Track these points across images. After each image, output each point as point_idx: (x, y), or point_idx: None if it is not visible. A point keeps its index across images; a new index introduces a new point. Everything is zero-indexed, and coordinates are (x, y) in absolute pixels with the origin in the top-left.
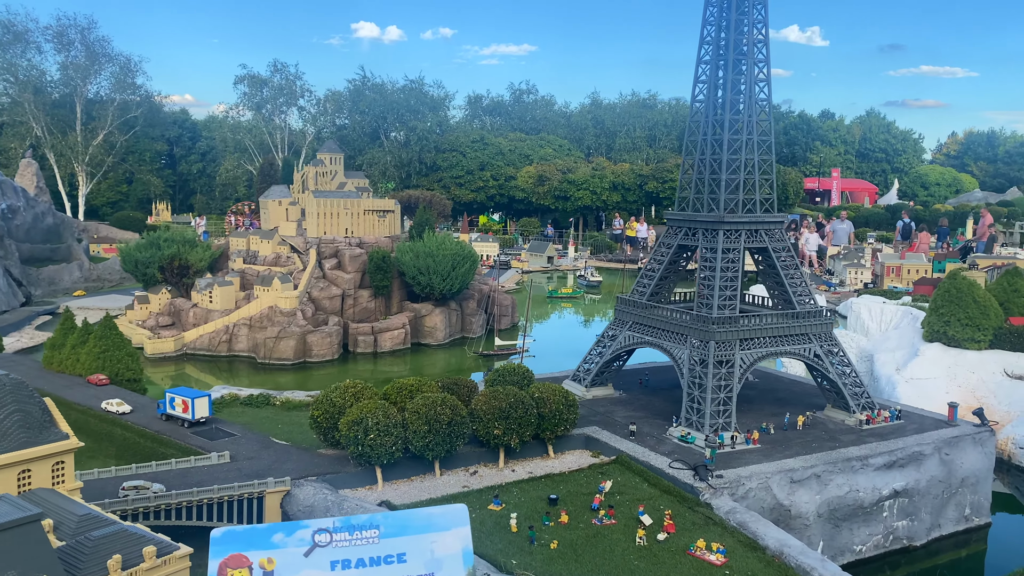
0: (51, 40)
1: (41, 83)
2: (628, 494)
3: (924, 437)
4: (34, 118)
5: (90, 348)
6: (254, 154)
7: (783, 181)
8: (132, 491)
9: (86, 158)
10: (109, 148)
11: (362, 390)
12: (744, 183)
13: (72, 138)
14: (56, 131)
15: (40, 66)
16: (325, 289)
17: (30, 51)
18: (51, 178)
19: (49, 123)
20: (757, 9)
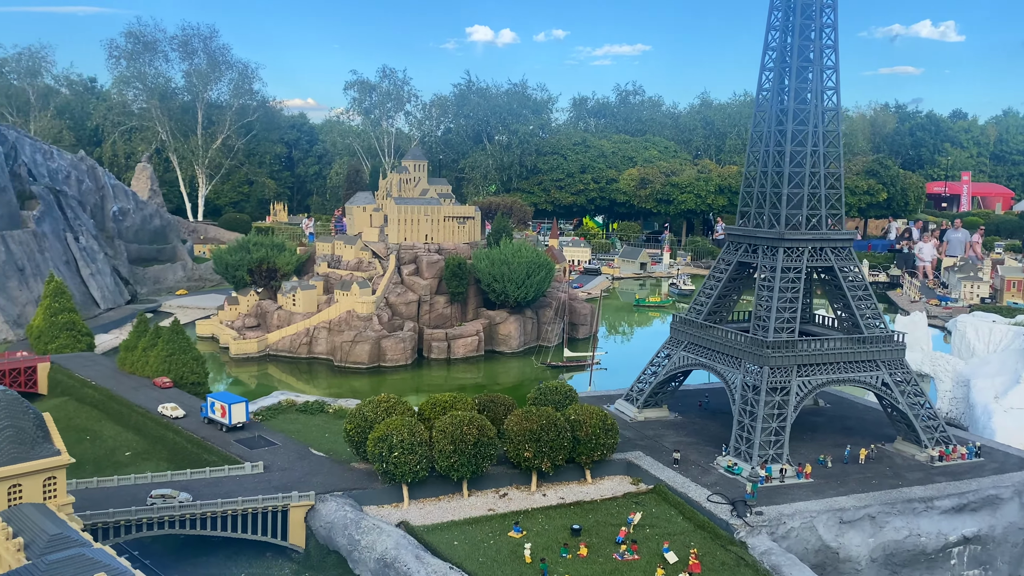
0: (176, 49)
1: (167, 90)
2: (659, 527)
3: (1004, 479)
4: (160, 123)
5: (158, 351)
6: (362, 158)
7: (903, 186)
8: (159, 499)
9: (205, 161)
10: (227, 151)
11: (394, 405)
12: (809, 197)
13: (193, 142)
14: (179, 135)
15: (166, 74)
16: (402, 295)
17: (158, 60)
18: (174, 180)
19: (173, 128)
20: (825, 13)
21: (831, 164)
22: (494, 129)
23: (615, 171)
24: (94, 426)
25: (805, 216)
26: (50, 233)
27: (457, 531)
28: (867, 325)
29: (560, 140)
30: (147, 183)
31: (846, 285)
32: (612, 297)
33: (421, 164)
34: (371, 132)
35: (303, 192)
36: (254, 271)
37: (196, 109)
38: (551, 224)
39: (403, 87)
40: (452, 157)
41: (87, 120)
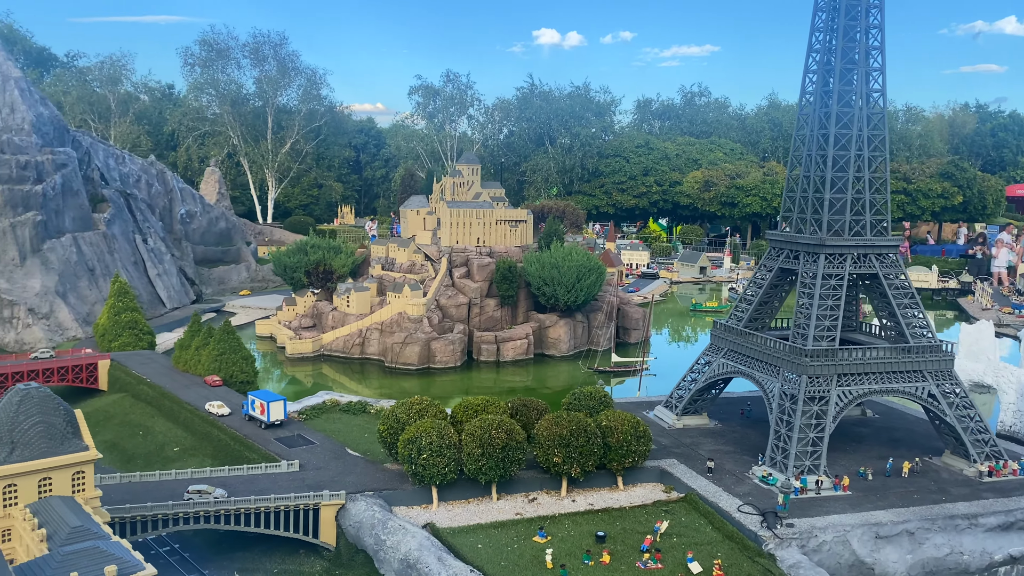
0: (248, 56)
1: (238, 96)
2: (687, 536)
3: None
4: (231, 128)
5: (209, 351)
6: (425, 161)
7: (980, 189)
8: (196, 495)
9: (275, 165)
10: (296, 155)
11: (427, 407)
12: (852, 202)
13: (263, 146)
14: (250, 139)
15: (238, 80)
16: (453, 297)
17: (230, 67)
18: (245, 183)
19: (244, 132)
20: (872, 14)
21: (877, 168)
22: (556, 132)
23: (679, 173)
24: (147, 422)
25: (849, 222)
26: (119, 235)
27: (482, 534)
28: (913, 334)
29: (623, 142)
30: (215, 186)
31: (891, 293)
32: (669, 302)
33: (475, 168)
34: (434, 136)
35: (370, 195)
36: (311, 273)
37: (266, 114)
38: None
39: (466, 91)
40: (514, 160)
41: (164, 125)
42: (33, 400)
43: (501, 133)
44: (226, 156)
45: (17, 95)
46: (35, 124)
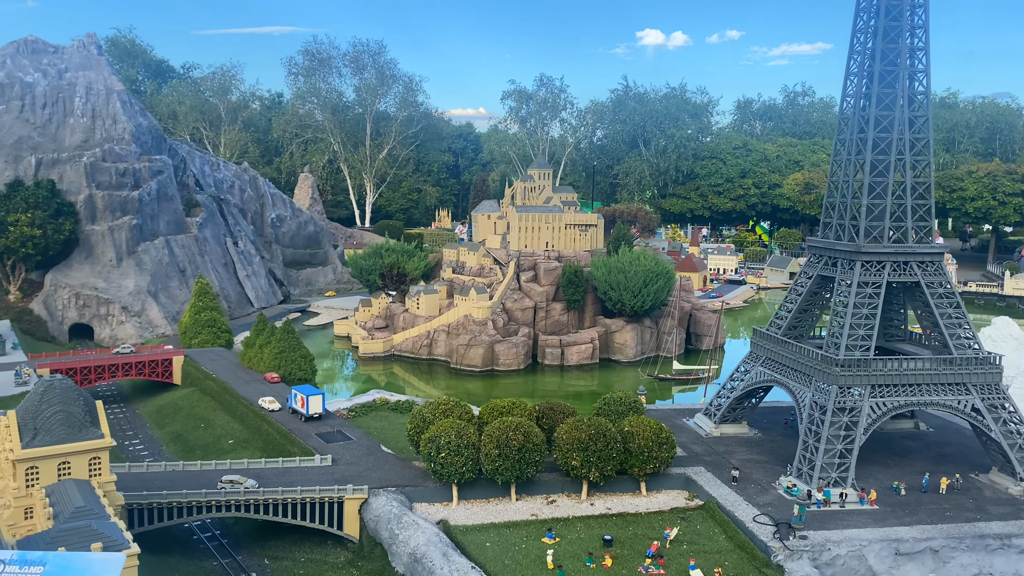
0: (348, 65)
1: (339, 103)
2: (698, 544)
3: None
4: (332, 135)
5: (271, 349)
6: (517, 166)
7: None
8: (228, 484)
9: (373, 170)
10: (392, 161)
11: (453, 407)
12: (893, 208)
13: (362, 152)
14: (350, 146)
15: (338, 88)
16: (519, 301)
17: (331, 75)
18: (345, 188)
19: (344, 139)
20: (916, 14)
21: (919, 173)
22: (650, 134)
23: (778, 176)
24: (209, 415)
25: (888, 228)
26: (211, 238)
27: (494, 533)
28: (957, 345)
29: (719, 144)
30: (308, 192)
31: (934, 302)
32: (755, 308)
33: (546, 172)
34: (526, 140)
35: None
36: (385, 275)
37: (365, 121)
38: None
39: (559, 94)
40: (607, 163)
41: (269, 132)
42: (55, 391)
43: (594, 136)
44: (327, 162)
45: (119, 107)
46: (134, 134)
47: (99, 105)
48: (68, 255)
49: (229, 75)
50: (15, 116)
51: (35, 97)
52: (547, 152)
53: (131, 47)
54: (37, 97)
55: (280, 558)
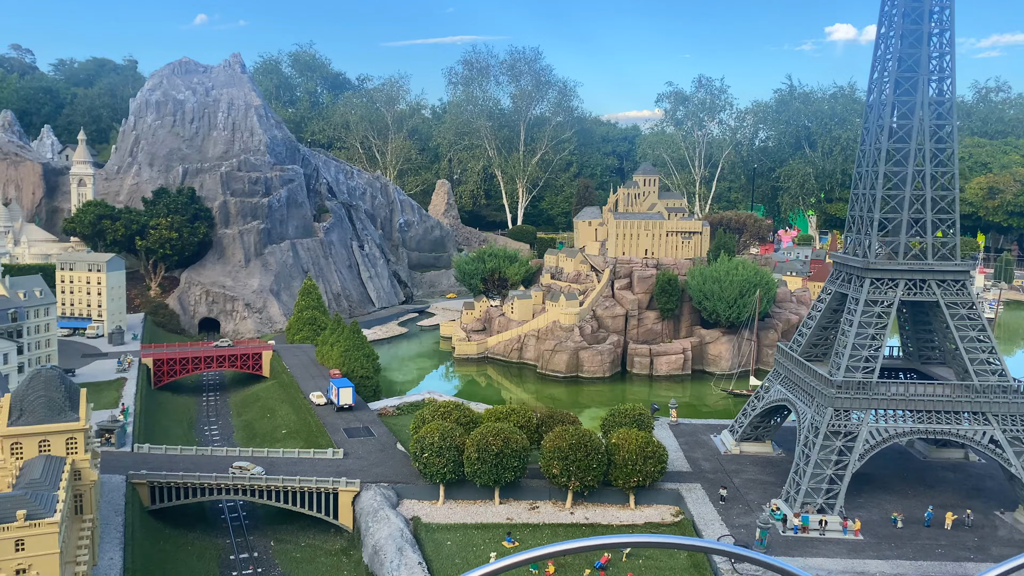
0: (506, 73)
1: (495, 110)
2: (656, 560)
3: None
4: (488, 141)
5: (338, 347)
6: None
7: None
8: (237, 470)
9: (525, 175)
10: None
11: (452, 409)
12: (911, 223)
13: (515, 158)
14: (504, 151)
15: (495, 96)
16: (610, 308)
17: (489, 84)
18: (499, 193)
19: (499, 145)
20: (944, 16)
21: (942, 185)
22: (816, 135)
23: (962, 179)
24: (276, 406)
25: (904, 244)
26: (337, 241)
27: (461, 533)
28: (978, 371)
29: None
30: (444, 198)
31: (954, 324)
32: None
33: (652, 179)
34: (680, 142)
35: None
36: (487, 279)
37: (519, 127)
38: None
39: (719, 95)
40: (768, 166)
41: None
42: (41, 378)
43: (756, 138)
44: (481, 168)
45: (256, 121)
46: (269, 145)
47: (238, 119)
48: (203, 255)
49: (397, 86)
50: (168, 130)
51: (185, 113)
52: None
53: (311, 61)
54: (187, 113)
55: (284, 541)
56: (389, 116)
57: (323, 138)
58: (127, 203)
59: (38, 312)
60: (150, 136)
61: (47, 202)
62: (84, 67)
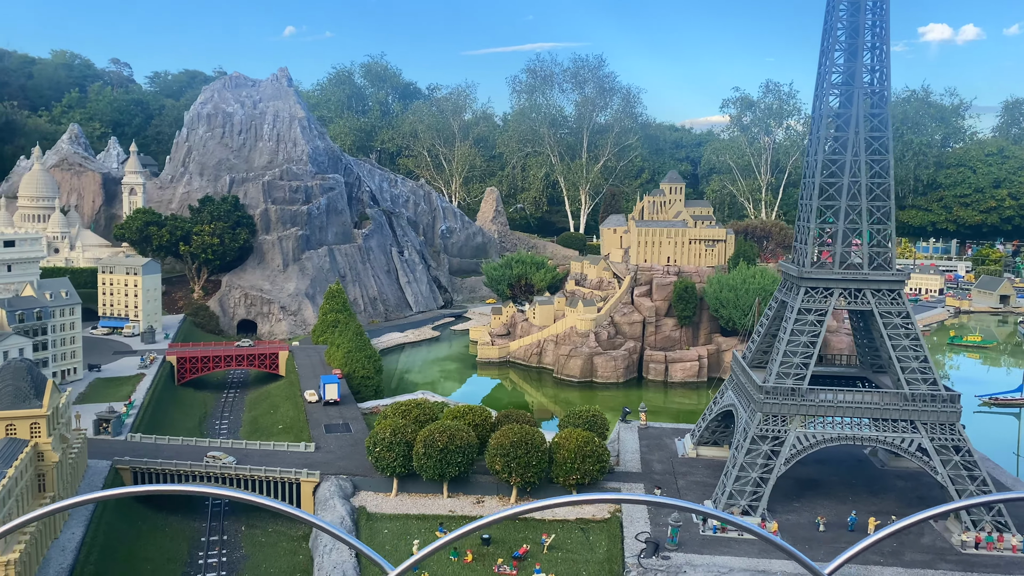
0: (569, 80)
1: (558, 117)
2: (575, 554)
3: None
4: (551, 149)
5: (342, 349)
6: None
7: None
8: (210, 459)
9: (587, 182)
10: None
11: (412, 408)
12: (846, 233)
13: (577, 165)
14: (567, 158)
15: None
16: (627, 315)
17: (552, 92)
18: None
19: (562, 152)
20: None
21: (878, 196)
22: None
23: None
24: (280, 403)
25: (839, 254)
26: (376, 247)
27: (400, 523)
28: (909, 379)
29: (968, 151)
30: (492, 205)
31: (887, 333)
32: (938, 333)
33: (678, 187)
34: (747, 148)
35: None
36: (513, 285)
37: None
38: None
39: (788, 100)
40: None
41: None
42: (10, 369)
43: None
44: (544, 175)
45: (299, 132)
46: (311, 155)
47: (283, 130)
48: (244, 260)
49: (464, 95)
50: (217, 141)
51: (233, 125)
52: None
53: (383, 72)
54: (235, 125)
55: (254, 526)
56: (456, 124)
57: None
58: (178, 210)
59: (63, 312)
60: (201, 147)
61: (106, 209)
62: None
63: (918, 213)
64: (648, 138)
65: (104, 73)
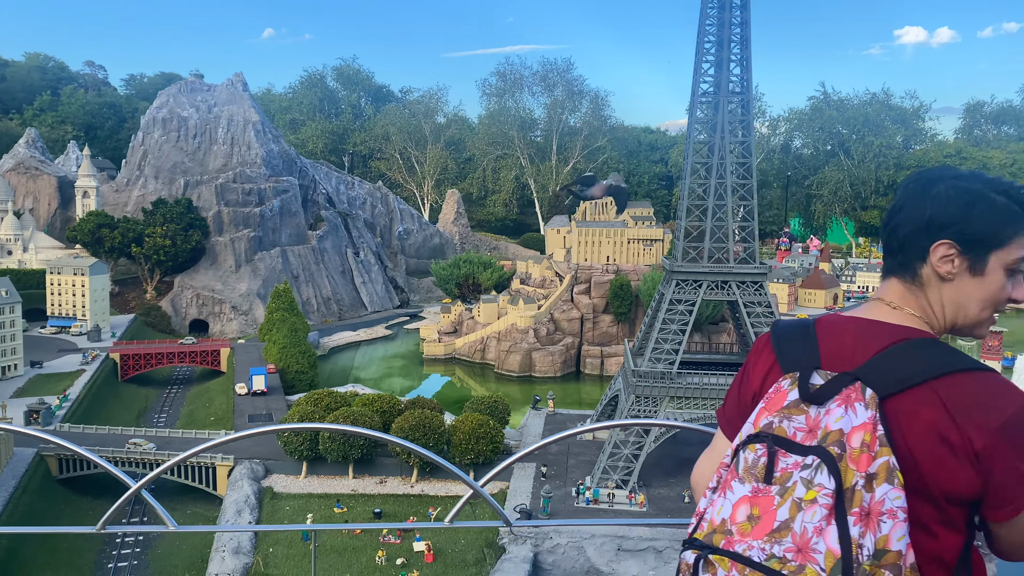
0: (539, 83)
1: (527, 120)
2: (454, 534)
3: None
4: (520, 151)
5: (277, 345)
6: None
7: None
8: (132, 445)
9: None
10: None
11: (324, 397)
12: (713, 230)
13: (547, 167)
14: (537, 161)
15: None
16: (567, 312)
17: (522, 95)
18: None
19: (532, 154)
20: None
21: (741, 197)
22: (849, 142)
23: None
24: (216, 397)
25: (708, 249)
26: (331, 248)
27: (303, 501)
28: None
29: (928, 152)
30: (453, 207)
31: (750, 321)
32: None
33: (620, 189)
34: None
35: None
36: (462, 285)
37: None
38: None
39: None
40: (803, 173)
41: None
42: None
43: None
44: (514, 177)
45: (253, 135)
46: (265, 158)
47: (237, 134)
48: (197, 261)
49: (436, 98)
50: (172, 145)
51: (188, 128)
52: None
53: (355, 75)
54: (190, 128)
55: (174, 509)
56: (427, 127)
57: (364, 149)
58: (134, 213)
59: (3, 310)
60: (156, 151)
61: (61, 212)
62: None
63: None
64: (619, 140)
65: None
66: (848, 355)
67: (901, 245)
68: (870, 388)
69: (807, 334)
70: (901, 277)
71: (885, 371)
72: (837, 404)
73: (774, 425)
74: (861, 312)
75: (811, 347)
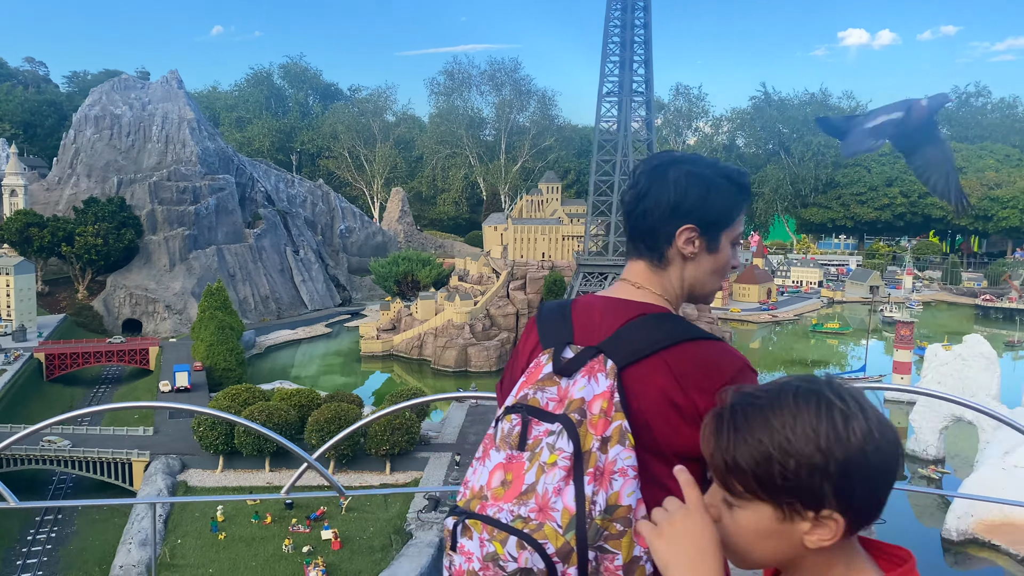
0: (487, 82)
1: (476, 119)
2: (370, 513)
3: None
4: (470, 150)
5: (204, 343)
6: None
7: None
8: (46, 443)
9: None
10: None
11: (243, 392)
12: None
13: (496, 166)
14: (486, 159)
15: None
16: (502, 307)
17: (471, 94)
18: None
19: (481, 153)
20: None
21: None
22: (790, 142)
23: None
24: (143, 395)
25: (612, 243)
26: (269, 247)
27: (217, 495)
28: None
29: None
30: (398, 205)
31: None
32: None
33: (555, 186)
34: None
35: None
36: (400, 282)
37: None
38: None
39: (697, 103)
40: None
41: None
42: None
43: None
44: (463, 176)
45: (188, 133)
46: (201, 156)
47: (172, 132)
48: (130, 260)
49: (384, 96)
50: (105, 143)
51: (121, 127)
52: None
53: (302, 73)
54: (123, 126)
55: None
56: (376, 126)
57: (312, 147)
58: (65, 212)
59: None
60: (88, 149)
61: None
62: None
63: (819, 211)
64: (567, 140)
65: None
66: (595, 331)
67: (650, 230)
68: (611, 360)
69: (564, 313)
70: (648, 259)
71: (623, 344)
72: (582, 375)
73: (529, 396)
74: (610, 292)
75: (566, 324)
